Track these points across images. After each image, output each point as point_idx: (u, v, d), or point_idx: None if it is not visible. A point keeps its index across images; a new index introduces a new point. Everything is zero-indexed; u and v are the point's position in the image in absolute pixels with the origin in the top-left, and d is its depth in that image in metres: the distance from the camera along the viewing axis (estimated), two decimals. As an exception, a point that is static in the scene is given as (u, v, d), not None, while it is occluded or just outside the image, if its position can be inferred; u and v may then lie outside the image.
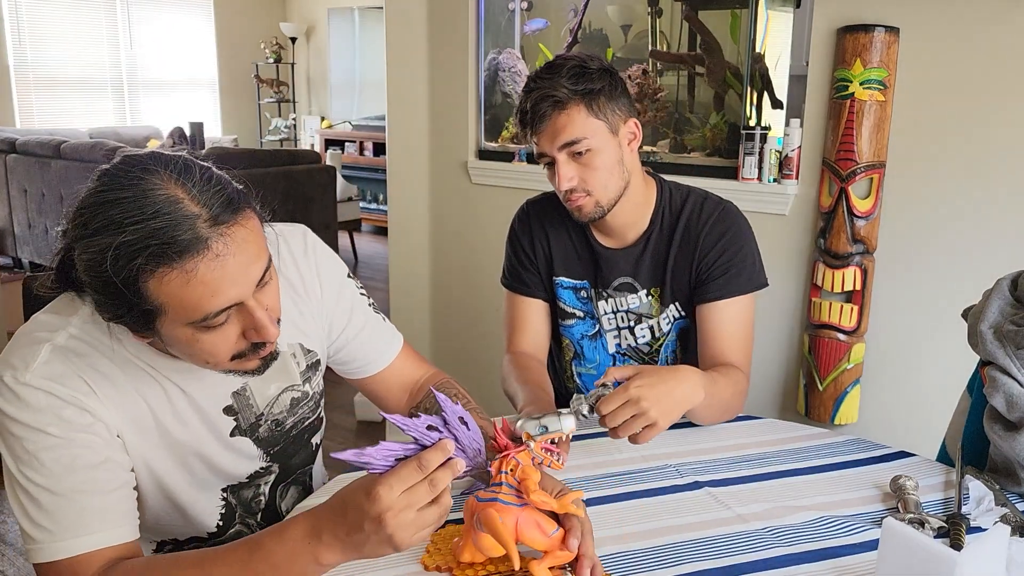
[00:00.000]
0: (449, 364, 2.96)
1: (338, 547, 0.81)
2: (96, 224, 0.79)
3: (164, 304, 0.80)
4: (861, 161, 1.98)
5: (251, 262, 0.83)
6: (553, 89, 1.29)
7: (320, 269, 1.11)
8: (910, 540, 0.78)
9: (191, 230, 0.78)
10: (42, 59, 6.48)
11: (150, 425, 0.96)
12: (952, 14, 1.89)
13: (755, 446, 1.27)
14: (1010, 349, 1.10)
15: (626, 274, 1.46)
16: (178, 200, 0.79)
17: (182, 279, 0.79)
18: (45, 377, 0.88)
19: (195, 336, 0.84)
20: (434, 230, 2.93)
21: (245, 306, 0.85)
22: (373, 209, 6.84)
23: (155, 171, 0.81)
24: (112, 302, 0.82)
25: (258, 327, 0.86)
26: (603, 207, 1.36)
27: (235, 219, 0.82)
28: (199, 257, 0.79)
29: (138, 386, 0.95)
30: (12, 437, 0.88)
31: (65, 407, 0.88)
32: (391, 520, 0.77)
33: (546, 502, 0.88)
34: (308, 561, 0.82)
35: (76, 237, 0.81)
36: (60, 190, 4.72)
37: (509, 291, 1.54)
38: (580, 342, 1.54)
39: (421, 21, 2.78)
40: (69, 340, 0.91)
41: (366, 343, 1.19)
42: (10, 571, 2.24)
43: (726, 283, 1.39)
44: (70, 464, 0.87)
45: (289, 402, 1.10)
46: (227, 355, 0.88)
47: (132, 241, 0.77)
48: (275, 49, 7.48)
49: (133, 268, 0.78)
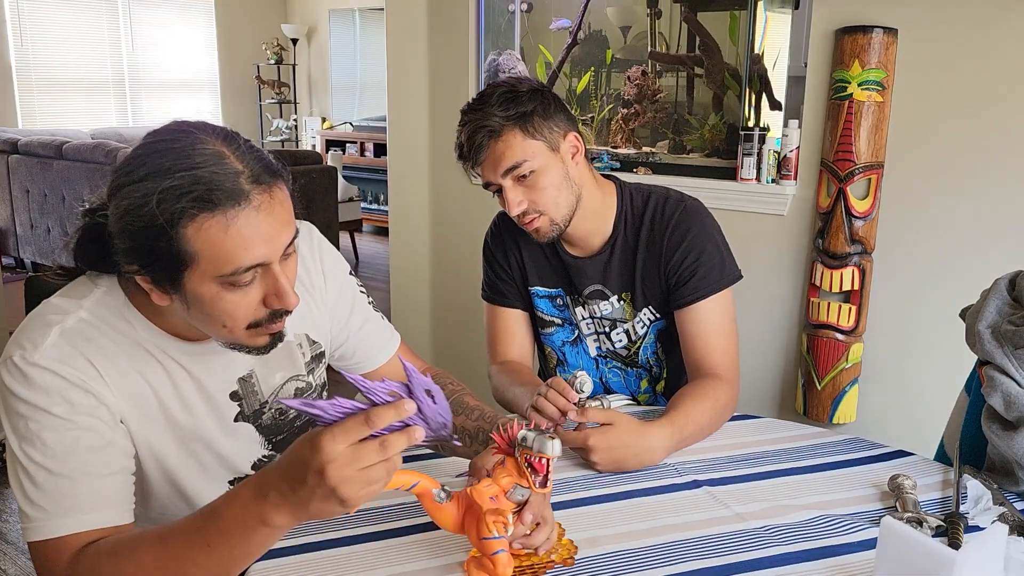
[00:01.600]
0: (449, 364, 2.96)
1: (285, 506, 0.77)
2: (144, 171, 0.83)
3: (198, 252, 0.83)
4: (859, 162, 1.98)
5: (283, 227, 0.88)
6: (486, 119, 1.30)
7: (325, 264, 1.15)
8: (908, 539, 0.78)
9: (234, 182, 0.83)
10: (44, 60, 6.48)
11: (155, 410, 0.98)
12: (950, 15, 1.90)
13: (754, 445, 1.27)
14: (1008, 349, 1.10)
15: (596, 281, 1.47)
16: (224, 156, 0.85)
17: (221, 227, 0.83)
18: (53, 359, 0.89)
19: (219, 294, 0.87)
20: (434, 230, 2.93)
21: (271, 270, 0.88)
22: (374, 210, 6.85)
23: (203, 131, 0.87)
24: (146, 248, 0.84)
25: (280, 292, 0.89)
26: (558, 224, 1.37)
27: (274, 183, 0.87)
28: (240, 208, 0.83)
29: (144, 371, 0.96)
30: (17, 416, 0.89)
31: (71, 389, 0.89)
32: (334, 473, 0.73)
33: (498, 506, 0.88)
34: (256, 523, 0.78)
35: (120, 186, 0.85)
36: (62, 191, 4.72)
37: (489, 303, 1.55)
38: (562, 349, 1.55)
39: (422, 22, 2.79)
40: (79, 323, 0.93)
41: (365, 339, 1.21)
42: (11, 570, 2.25)
43: (697, 284, 1.38)
44: (71, 445, 0.88)
45: (293, 392, 1.12)
46: (245, 320, 0.90)
47: (179, 185, 0.82)
48: (276, 50, 7.49)
49: (177, 211, 0.81)
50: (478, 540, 0.89)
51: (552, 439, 0.86)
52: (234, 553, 0.81)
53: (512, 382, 1.40)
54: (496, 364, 1.50)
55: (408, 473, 0.87)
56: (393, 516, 1.05)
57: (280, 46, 7.53)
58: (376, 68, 6.87)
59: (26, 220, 5.05)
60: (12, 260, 5.32)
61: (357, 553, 0.97)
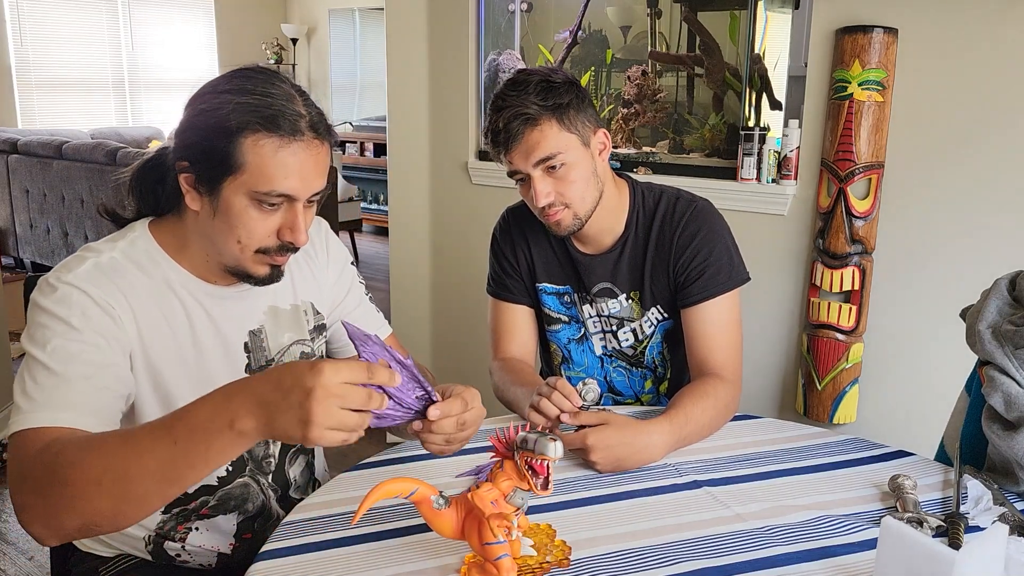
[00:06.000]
0: (449, 363, 2.96)
1: (255, 411, 0.78)
2: (227, 87, 0.97)
3: (247, 164, 0.95)
4: (860, 162, 1.98)
5: (319, 175, 1.00)
6: (523, 106, 1.28)
7: (329, 247, 1.25)
8: (908, 539, 0.78)
9: (296, 120, 0.96)
10: (44, 60, 6.47)
11: (170, 347, 1.05)
12: (951, 15, 1.90)
13: (754, 445, 1.27)
14: (1008, 349, 1.10)
15: (605, 280, 1.47)
16: (294, 99, 0.98)
17: (273, 148, 0.95)
18: (84, 279, 0.98)
19: (247, 209, 0.98)
20: (434, 230, 2.93)
21: (295, 206, 1.00)
22: (374, 209, 6.85)
23: (282, 79, 1.01)
24: (205, 145, 0.96)
25: (294, 227, 1.00)
26: (580, 219, 1.37)
27: (324, 138, 1.00)
28: (295, 140, 0.96)
29: (166, 310, 1.05)
30: (36, 325, 0.96)
31: (94, 306, 0.97)
32: (320, 397, 0.75)
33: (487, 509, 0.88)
34: (224, 423, 0.78)
35: (202, 94, 0.99)
36: (62, 190, 4.72)
37: (494, 298, 1.55)
38: (567, 346, 1.54)
39: (421, 22, 2.79)
40: (111, 260, 1.02)
41: (357, 322, 1.22)
42: (11, 570, 2.25)
43: (705, 284, 1.39)
44: (76, 352, 0.94)
45: (299, 355, 1.18)
46: (259, 242, 1.01)
47: (253, 104, 0.95)
48: (276, 50, 7.48)
49: (244, 121, 0.94)
50: (480, 545, 0.89)
51: (553, 441, 0.86)
52: (193, 453, 0.80)
53: (513, 381, 1.39)
54: (497, 360, 1.49)
55: (406, 481, 0.87)
56: (393, 516, 1.05)
57: (280, 46, 7.53)
58: (376, 68, 6.87)
59: (26, 220, 5.05)
60: (12, 260, 5.32)
61: (357, 553, 0.97)
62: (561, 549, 0.98)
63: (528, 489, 0.88)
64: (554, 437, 0.86)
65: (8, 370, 3.11)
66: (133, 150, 4.46)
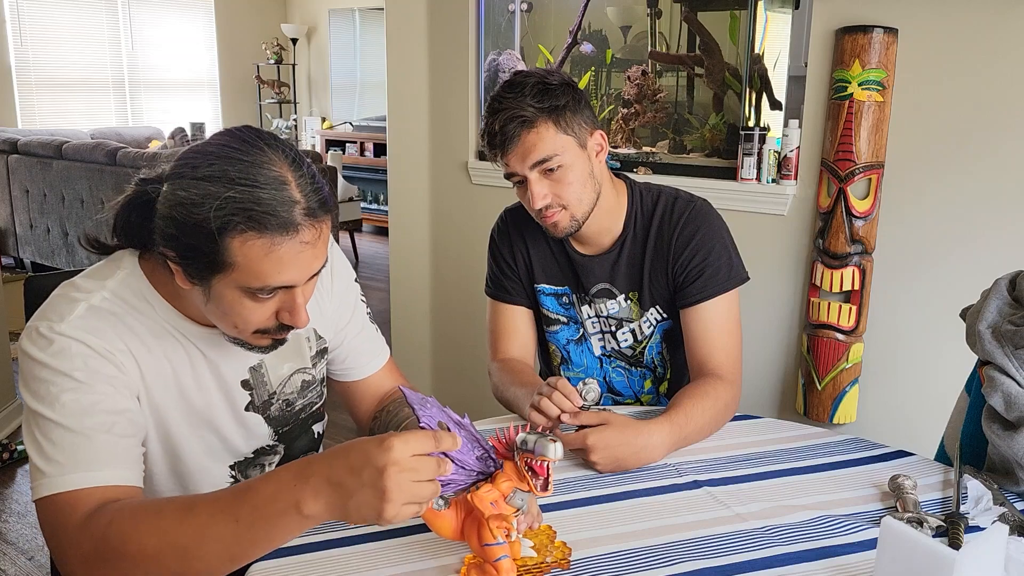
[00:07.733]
0: (449, 363, 2.96)
1: (324, 493, 0.76)
2: (208, 171, 0.86)
3: (236, 263, 0.87)
4: (860, 162, 1.98)
5: (317, 258, 0.92)
6: (520, 109, 1.28)
7: (334, 265, 1.19)
8: (908, 539, 0.78)
9: (289, 213, 0.86)
10: (44, 60, 6.48)
11: (171, 387, 1.01)
12: (951, 15, 1.90)
13: (754, 445, 1.27)
14: (1008, 349, 1.10)
15: (603, 280, 1.47)
16: (287, 182, 0.87)
17: (264, 249, 0.86)
18: (80, 328, 0.92)
19: (240, 300, 0.91)
20: (434, 230, 2.93)
21: (292, 291, 0.92)
22: (374, 209, 6.85)
23: (274, 149, 0.89)
24: (189, 243, 0.87)
25: (293, 312, 0.94)
26: (578, 220, 1.37)
27: (323, 219, 0.91)
28: (287, 237, 0.87)
29: (165, 349, 1.00)
30: (37, 381, 0.91)
31: (95, 356, 0.92)
32: (393, 474, 0.73)
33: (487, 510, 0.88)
34: (289, 504, 0.77)
35: (178, 175, 0.88)
36: (62, 190, 4.72)
37: (492, 299, 1.55)
38: (566, 347, 1.54)
39: (421, 22, 2.79)
40: (103, 301, 0.96)
41: (358, 347, 1.24)
42: (11, 570, 2.25)
43: (704, 285, 1.39)
44: (89, 406, 0.90)
45: (300, 384, 1.15)
46: (256, 326, 0.94)
47: (239, 199, 0.84)
48: (276, 50, 7.49)
49: (228, 222, 0.84)
50: (480, 546, 0.89)
51: (554, 442, 0.85)
52: (257, 534, 0.79)
53: (512, 381, 1.39)
54: (497, 361, 1.50)
55: None
56: (393, 516, 1.05)
57: (280, 46, 7.53)
58: (376, 68, 6.87)
59: (25, 220, 5.05)
60: (12, 260, 5.32)
61: (357, 553, 0.97)
62: (561, 550, 0.98)
63: (528, 490, 0.88)
64: (554, 438, 0.86)
65: (8, 370, 3.11)
66: (133, 150, 4.45)
